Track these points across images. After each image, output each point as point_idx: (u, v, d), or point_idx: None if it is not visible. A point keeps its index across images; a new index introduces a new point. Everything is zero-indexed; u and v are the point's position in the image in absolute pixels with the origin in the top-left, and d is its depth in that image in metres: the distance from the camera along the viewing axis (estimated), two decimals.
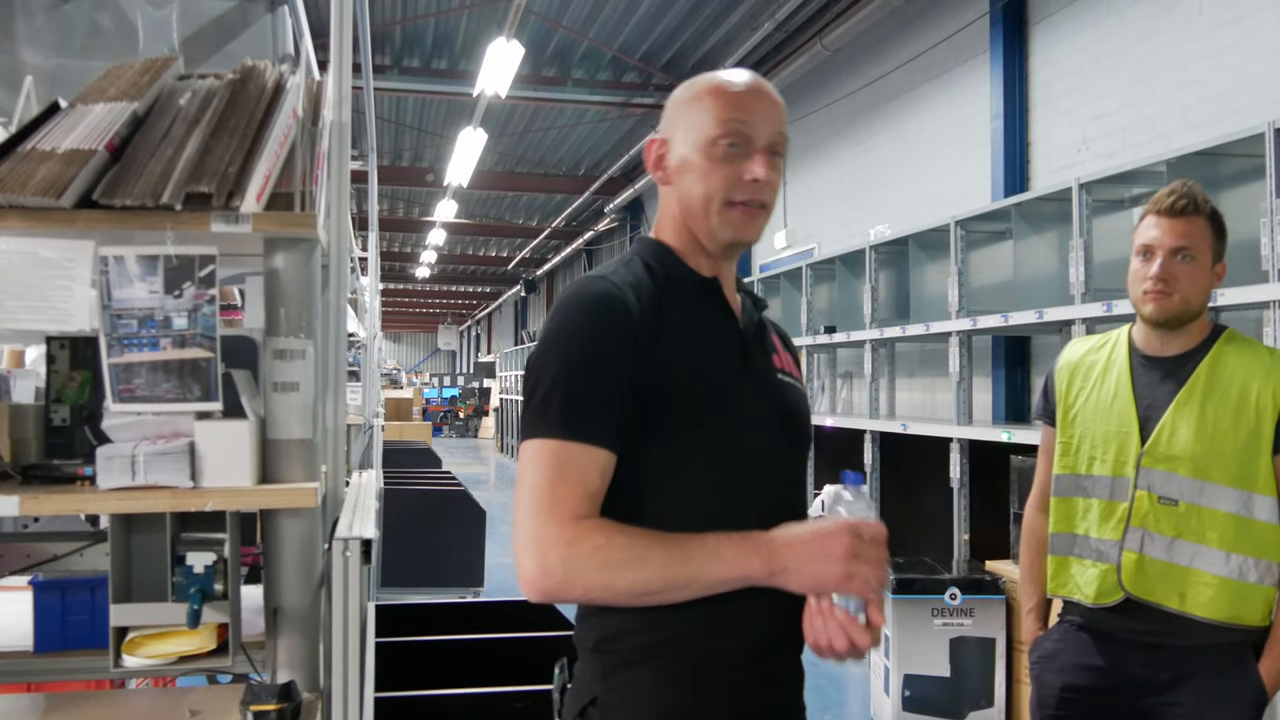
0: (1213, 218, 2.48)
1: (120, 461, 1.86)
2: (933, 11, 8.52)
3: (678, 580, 1.41)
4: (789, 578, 1.43)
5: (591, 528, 1.42)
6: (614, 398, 1.47)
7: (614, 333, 1.49)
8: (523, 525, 1.43)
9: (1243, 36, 5.43)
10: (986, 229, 6.25)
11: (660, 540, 1.42)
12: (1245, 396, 2.40)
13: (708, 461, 1.54)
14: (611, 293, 1.53)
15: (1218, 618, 2.39)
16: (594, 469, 1.45)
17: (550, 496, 1.42)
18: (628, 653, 1.51)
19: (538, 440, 1.46)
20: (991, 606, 5.06)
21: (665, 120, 1.67)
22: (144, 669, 2.12)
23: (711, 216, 1.60)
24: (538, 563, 1.40)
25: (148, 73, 2.05)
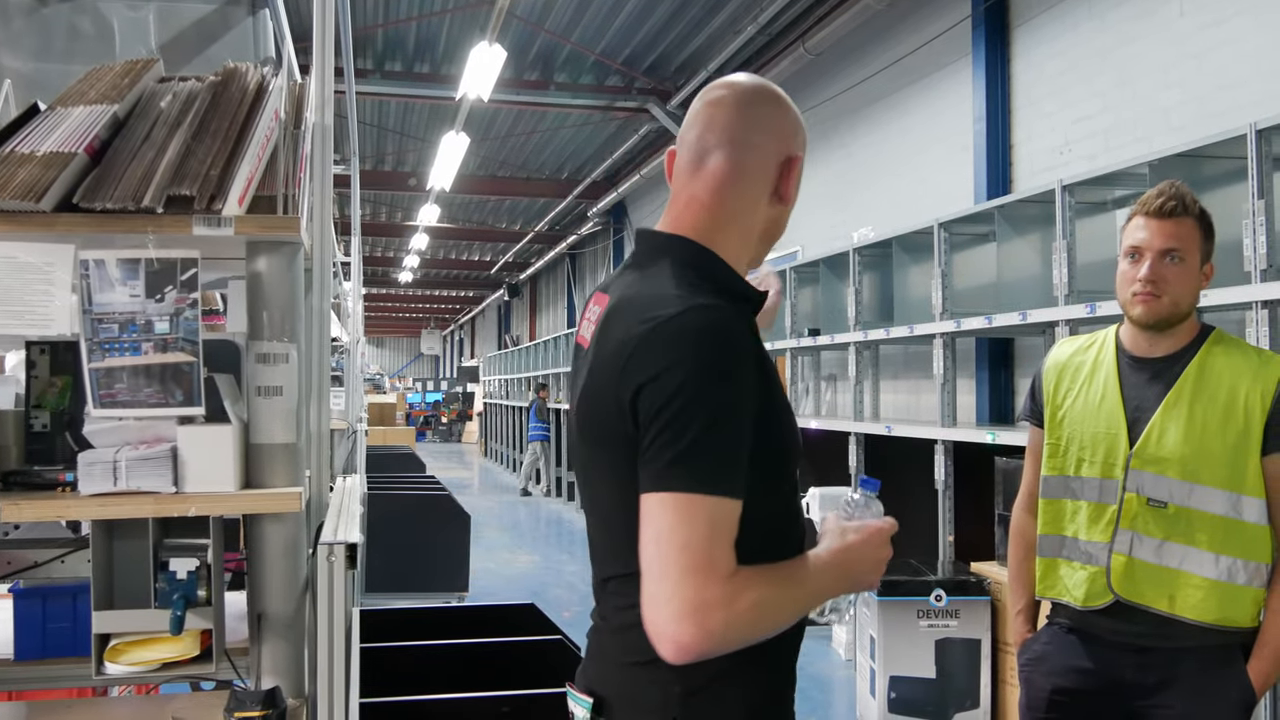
0: (1201, 218, 2.47)
1: (102, 467, 1.85)
2: (915, 15, 8.55)
3: (798, 616, 1.50)
4: (857, 588, 1.57)
5: (742, 585, 1.37)
6: (747, 444, 1.42)
7: (749, 376, 1.43)
8: (676, 589, 1.34)
9: (1224, 39, 5.47)
10: (970, 231, 6.26)
11: (788, 581, 1.46)
12: (1234, 398, 2.40)
13: (787, 490, 1.59)
14: (740, 330, 1.46)
15: (1207, 620, 2.38)
16: (736, 520, 1.39)
17: (708, 557, 1.35)
18: (711, 669, 1.43)
19: (686, 495, 1.37)
20: (977, 608, 5.07)
21: (797, 137, 1.61)
22: (126, 676, 2.11)
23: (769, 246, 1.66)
24: (700, 627, 1.33)
25: (128, 75, 2.04)
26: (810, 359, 9.40)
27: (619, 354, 1.44)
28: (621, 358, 1.44)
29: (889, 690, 5.07)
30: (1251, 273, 3.68)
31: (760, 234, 1.61)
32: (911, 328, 6.28)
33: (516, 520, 14.05)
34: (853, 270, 7.10)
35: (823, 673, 6.29)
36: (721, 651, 1.37)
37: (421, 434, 31.07)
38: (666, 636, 1.35)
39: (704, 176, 1.57)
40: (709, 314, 1.43)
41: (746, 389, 1.42)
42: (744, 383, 1.42)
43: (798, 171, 1.60)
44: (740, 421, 1.40)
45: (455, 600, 7.64)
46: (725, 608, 1.34)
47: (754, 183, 1.57)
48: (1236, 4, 5.39)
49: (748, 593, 1.36)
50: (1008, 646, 5.01)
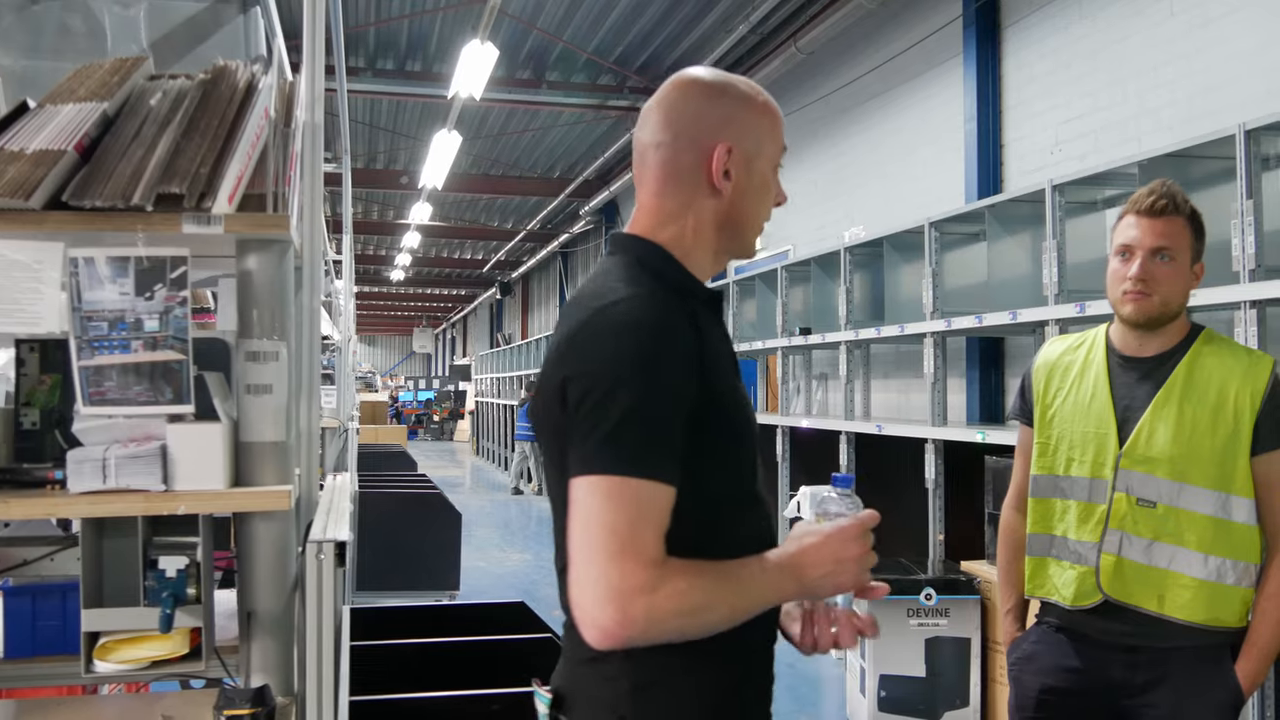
0: (1192, 218, 2.48)
1: (91, 465, 1.85)
2: (906, 14, 8.56)
3: (738, 616, 1.43)
4: (815, 592, 1.51)
5: (669, 572, 1.36)
6: (678, 430, 1.41)
7: (680, 362, 1.42)
8: (598, 571, 1.34)
9: (1213, 39, 5.49)
10: (960, 230, 6.28)
11: (724, 577, 1.42)
12: (1223, 398, 2.40)
13: (740, 484, 1.56)
14: (670, 319, 1.45)
15: (1196, 620, 2.39)
16: (667, 507, 1.39)
17: (631, 540, 1.34)
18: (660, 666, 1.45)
19: (610, 477, 1.37)
20: (966, 606, 5.08)
21: (729, 124, 1.58)
22: (116, 674, 2.11)
23: (757, 234, 1.64)
24: (620, 611, 1.33)
25: (118, 73, 2.03)
26: (801, 358, 9.41)
27: (558, 346, 1.48)
28: (559, 349, 1.47)
29: (879, 689, 5.08)
30: (1240, 272, 3.69)
31: (715, 226, 1.59)
32: (902, 327, 6.30)
33: (508, 518, 14.05)
34: (844, 269, 7.11)
35: (812, 671, 6.30)
36: (647, 640, 1.37)
37: (413, 433, 31.04)
38: (589, 621, 1.35)
39: (645, 179, 1.61)
40: (640, 303, 1.45)
41: (676, 376, 1.41)
42: (674, 371, 1.41)
43: (729, 159, 1.56)
44: (669, 408, 1.40)
45: (446, 598, 7.64)
46: (648, 594, 1.33)
47: (686, 177, 1.57)
48: (1226, 4, 5.41)
49: (674, 581, 1.35)
50: (997, 645, 5.03)
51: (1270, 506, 2.40)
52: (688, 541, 1.42)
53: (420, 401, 34.83)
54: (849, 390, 7.18)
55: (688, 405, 1.42)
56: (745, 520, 1.56)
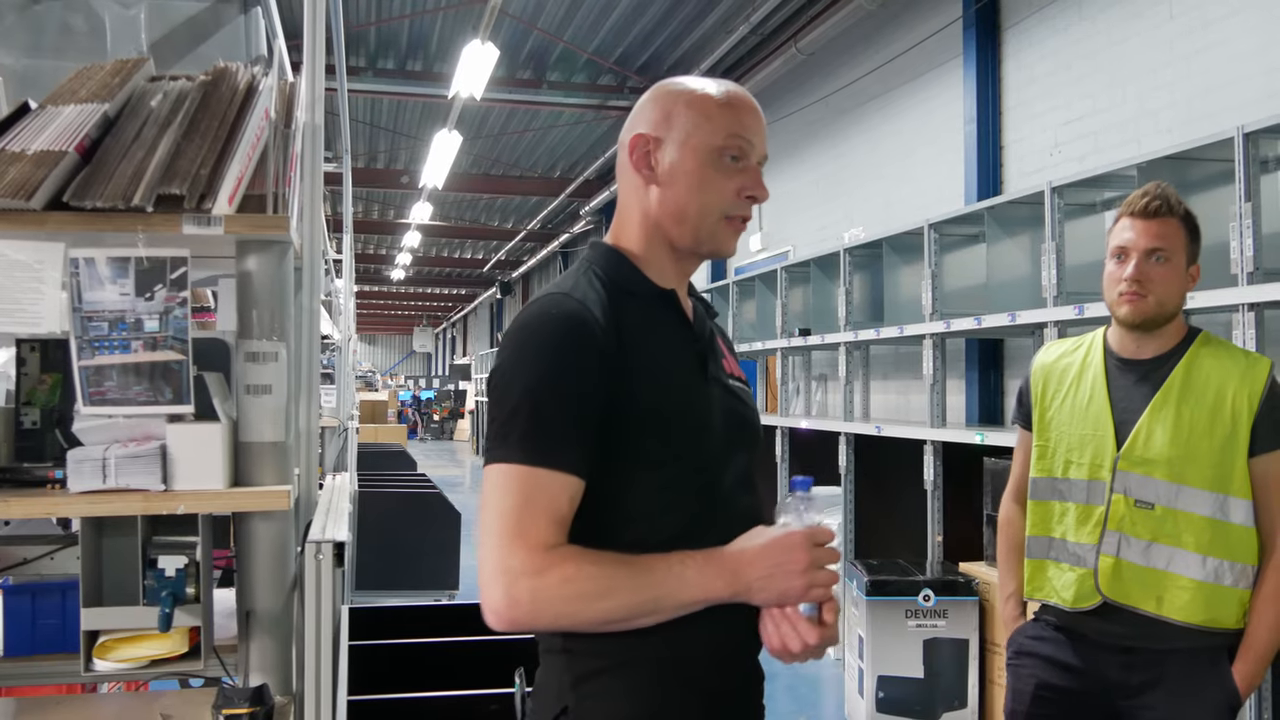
0: (1186, 219, 2.49)
1: (91, 464, 1.85)
2: (907, 15, 8.57)
3: (645, 609, 1.41)
4: (753, 596, 1.45)
5: (560, 557, 1.38)
6: (583, 421, 1.43)
7: (582, 354, 1.45)
8: (489, 553, 1.39)
9: (1213, 41, 5.49)
10: (960, 232, 6.28)
11: (626, 567, 1.41)
12: (1221, 399, 2.41)
13: (677, 477, 1.52)
14: (579, 312, 1.48)
15: (1194, 621, 2.40)
16: (563, 496, 1.41)
17: (517, 524, 1.38)
18: (597, 660, 1.49)
19: (504, 465, 1.42)
20: (965, 608, 5.09)
21: (654, 117, 1.59)
22: (115, 673, 2.12)
23: (705, 227, 1.58)
24: (505, 593, 1.37)
25: (119, 74, 2.04)
26: (801, 359, 9.42)
27: None
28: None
29: (877, 690, 5.09)
30: (1238, 275, 3.69)
31: (657, 219, 1.60)
32: (901, 328, 6.30)
33: None
34: (843, 270, 7.12)
35: (811, 672, 6.30)
36: (541, 624, 1.42)
37: (413, 432, 31.03)
38: (483, 602, 1.40)
39: None
40: (550, 300, 1.50)
41: (575, 368, 1.44)
42: (572, 363, 1.44)
43: (645, 148, 1.58)
44: (566, 399, 1.43)
45: (445, 598, 7.65)
46: (532, 576, 1.36)
47: (626, 175, 1.63)
48: (1225, 7, 5.41)
49: (561, 567, 1.37)
50: (996, 646, 5.04)
51: (1266, 507, 2.41)
52: (626, 539, 1.44)
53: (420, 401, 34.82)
54: (848, 391, 7.19)
55: (595, 399, 1.44)
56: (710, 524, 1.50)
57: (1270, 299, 3.56)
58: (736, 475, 1.61)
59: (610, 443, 1.45)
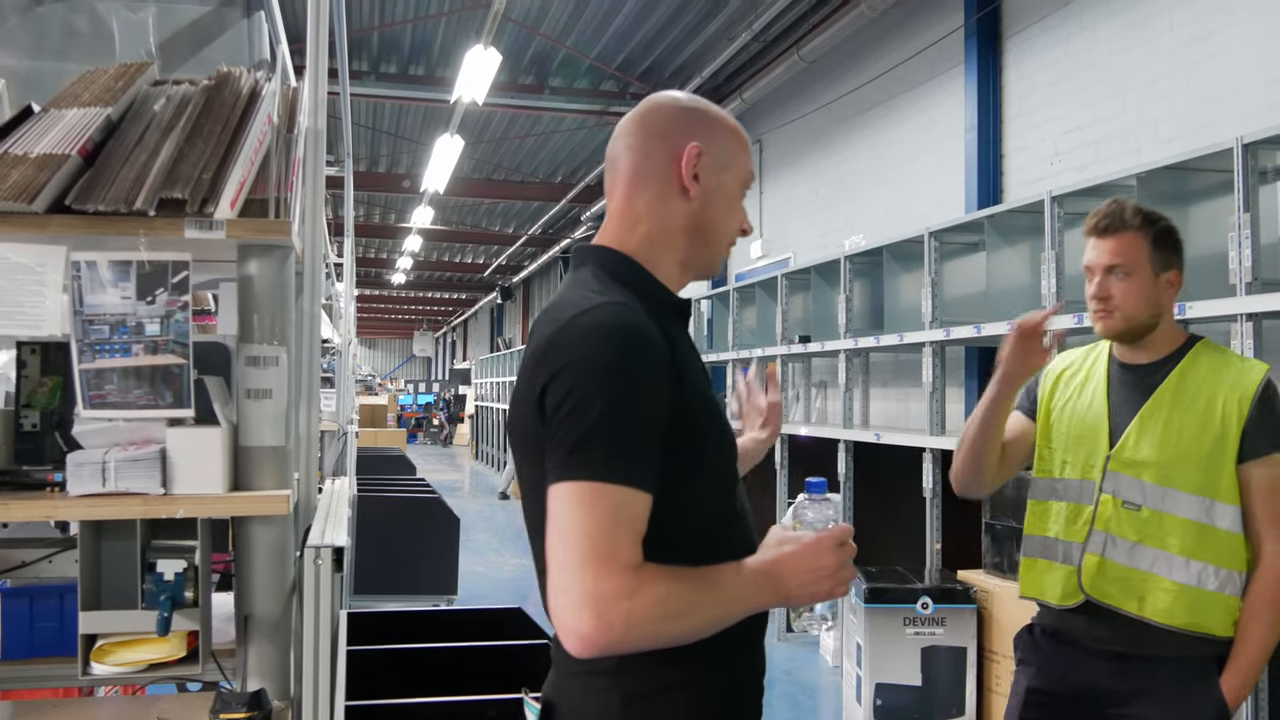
0: (1148, 228, 2.51)
1: (91, 468, 1.86)
2: (909, 24, 8.58)
3: (717, 623, 1.44)
4: (791, 600, 1.51)
5: (647, 578, 1.36)
6: (655, 436, 1.42)
7: (655, 369, 1.43)
8: (575, 576, 1.34)
9: (1212, 52, 5.50)
10: (960, 240, 6.28)
11: (703, 583, 1.42)
12: (1212, 405, 2.43)
13: (721, 488, 1.57)
14: (642, 325, 1.46)
15: (1175, 624, 2.41)
16: (643, 514, 1.39)
17: (608, 546, 1.34)
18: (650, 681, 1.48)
19: (585, 483, 1.37)
20: (963, 616, 5.09)
21: (698, 130, 1.61)
22: (113, 677, 2.11)
23: (722, 248, 1.65)
24: (599, 618, 1.32)
25: (122, 78, 2.05)
26: (801, 365, 9.42)
27: (533, 356, 1.48)
28: (534, 359, 1.47)
29: (875, 697, 5.08)
30: (1237, 285, 3.70)
31: (683, 231, 1.61)
32: (901, 336, 6.30)
33: (506, 523, 14.06)
34: (844, 278, 7.12)
35: (809, 679, 6.30)
36: (626, 648, 1.37)
37: (413, 436, 31.02)
38: (566, 627, 1.35)
39: (615, 186, 1.65)
40: (612, 310, 1.46)
41: (651, 384, 1.42)
42: (648, 377, 1.42)
43: (698, 161, 1.59)
44: (644, 414, 1.41)
45: (444, 604, 7.64)
46: (626, 599, 1.33)
47: (656, 177, 1.60)
48: (1225, 18, 5.42)
49: (652, 587, 1.35)
50: (994, 654, 5.04)
51: (1254, 515, 2.41)
52: (677, 552, 1.43)
53: (420, 405, 34.83)
54: (848, 398, 7.19)
55: (664, 413, 1.43)
56: (732, 533, 1.57)
57: (1268, 309, 3.57)
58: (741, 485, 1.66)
59: (668, 457, 1.45)
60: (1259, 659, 2.40)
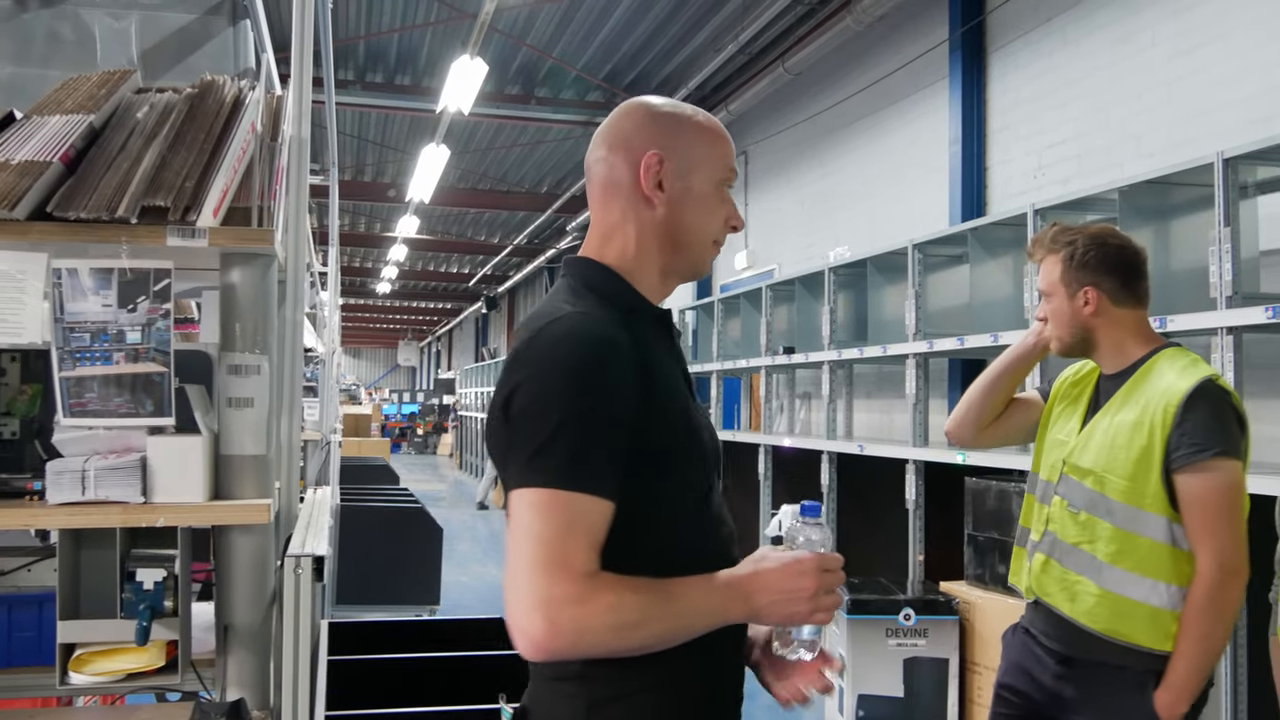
0: (1061, 250, 2.61)
1: (70, 476, 1.85)
2: (894, 37, 8.62)
3: (676, 634, 1.42)
4: (762, 618, 1.48)
5: (601, 586, 1.37)
6: (616, 444, 1.42)
7: (615, 376, 1.43)
8: (528, 581, 1.36)
9: (1194, 68, 5.54)
10: (944, 253, 6.31)
11: (661, 594, 1.41)
12: (1144, 414, 2.45)
13: (688, 500, 1.54)
14: (608, 333, 1.46)
15: (1097, 628, 2.47)
16: (600, 521, 1.40)
17: (558, 551, 1.35)
18: (615, 687, 1.47)
19: (543, 490, 1.38)
20: (945, 627, 5.10)
21: (657, 137, 1.60)
22: (91, 686, 2.10)
23: (703, 251, 1.61)
24: (549, 622, 1.33)
25: (105, 85, 2.05)
26: (785, 377, 9.44)
27: (505, 364, 1.50)
28: (506, 367, 1.49)
29: (857, 709, 5.09)
30: (1217, 299, 3.72)
31: (656, 240, 1.60)
32: (885, 348, 6.32)
33: (489, 533, 14.02)
34: (828, 289, 7.14)
35: None
36: (578, 654, 1.38)
37: (396, 446, 30.94)
38: (519, 630, 1.36)
39: (590, 201, 1.66)
40: (580, 319, 1.47)
41: (612, 391, 1.42)
42: (609, 385, 1.42)
43: (659, 169, 1.57)
44: (603, 422, 1.41)
45: (426, 614, 7.61)
46: (577, 605, 1.34)
47: (623, 189, 1.60)
48: (1206, 34, 5.47)
49: (604, 595, 1.36)
50: (976, 665, 5.05)
51: (1188, 527, 2.40)
52: (642, 558, 1.44)
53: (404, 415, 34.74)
54: (831, 410, 7.20)
55: (628, 421, 1.43)
56: (703, 543, 1.55)
57: (1248, 322, 3.59)
58: (718, 496, 1.63)
59: (633, 464, 1.44)
60: (1190, 674, 2.37)
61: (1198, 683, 2.39)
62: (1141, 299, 2.61)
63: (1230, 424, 2.40)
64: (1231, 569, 2.35)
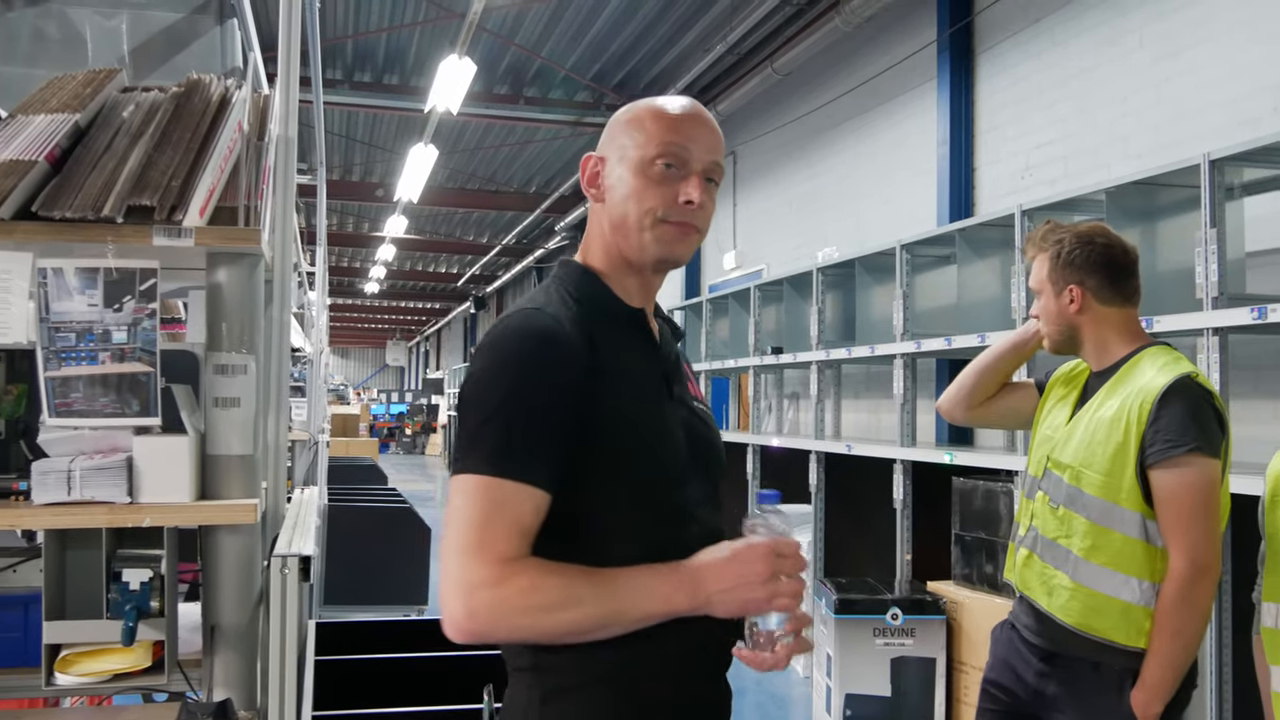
0: (1049, 248, 2.65)
1: (56, 476, 1.84)
2: (882, 38, 8.64)
3: (606, 620, 1.41)
4: (714, 608, 1.44)
5: (519, 569, 1.38)
6: (552, 436, 1.43)
7: (555, 370, 1.45)
8: (450, 564, 1.39)
9: (1182, 69, 5.56)
10: (931, 253, 6.32)
11: (587, 579, 1.41)
12: (1121, 409, 2.47)
13: (644, 496, 1.53)
14: (553, 328, 1.49)
15: (1071, 623, 2.49)
16: (528, 508, 1.41)
17: (480, 535, 1.38)
18: (565, 677, 1.49)
19: (470, 476, 1.42)
20: (932, 626, 5.11)
21: (603, 139, 1.66)
22: (77, 687, 2.10)
23: (643, 232, 1.57)
24: (463, 604, 1.36)
25: (90, 84, 2.04)
26: (773, 377, 9.44)
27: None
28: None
29: (845, 708, 5.10)
30: (1203, 300, 3.74)
31: (610, 231, 1.62)
32: (873, 348, 6.34)
33: None
34: (816, 290, 7.15)
35: (780, 690, 6.31)
36: (499, 636, 1.41)
37: (385, 445, 30.88)
38: (443, 611, 1.39)
39: None
40: (525, 314, 1.51)
41: (549, 384, 1.45)
42: (546, 378, 1.45)
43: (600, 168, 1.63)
44: (537, 413, 1.43)
45: (414, 614, 7.61)
46: (492, 588, 1.36)
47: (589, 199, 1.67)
48: (1194, 36, 5.49)
49: (520, 579, 1.37)
50: (963, 665, 5.06)
51: (1161, 523, 2.41)
52: (606, 555, 1.45)
53: (392, 415, 34.69)
54: (819, 410, 7.21)
55: (566, 414, 1.45)
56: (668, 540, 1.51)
57: (1234, 323, 3.61)
58: (703, 495, 1.62)
59: (585, 460, 1.46)
60: (1164, 671, 2.38)
61: (1173, 680, 2.39)
62: (1129, 297, 2.62)
63: (1207, 421, 2.40)
64: (1203, 566, 2.35)
